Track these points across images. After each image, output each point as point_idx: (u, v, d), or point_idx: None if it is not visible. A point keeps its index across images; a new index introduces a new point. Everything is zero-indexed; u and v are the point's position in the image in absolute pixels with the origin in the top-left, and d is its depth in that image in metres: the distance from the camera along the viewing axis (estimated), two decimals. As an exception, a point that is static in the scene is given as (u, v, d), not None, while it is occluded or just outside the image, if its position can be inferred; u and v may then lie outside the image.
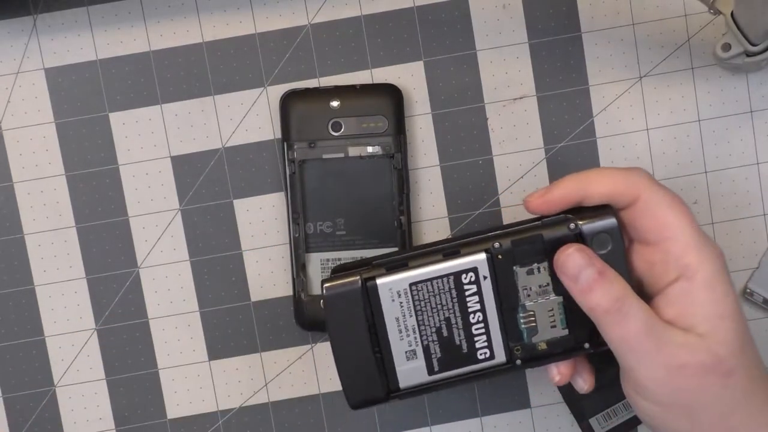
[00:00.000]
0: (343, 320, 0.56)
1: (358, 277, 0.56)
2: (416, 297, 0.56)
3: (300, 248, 0.67)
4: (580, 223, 0.56)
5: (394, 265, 0.56)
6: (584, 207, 0.57)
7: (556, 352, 0.57)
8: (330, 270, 0.68)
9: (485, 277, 0.56)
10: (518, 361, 0.57)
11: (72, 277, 0.68)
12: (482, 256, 0.56)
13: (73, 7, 0.68)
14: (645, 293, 0.57)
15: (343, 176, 0.67)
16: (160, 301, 0.69)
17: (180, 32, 0.68)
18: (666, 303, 0.56)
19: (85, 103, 0.68)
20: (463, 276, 0.56)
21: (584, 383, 0.59)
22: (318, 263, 0.68)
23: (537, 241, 0.56)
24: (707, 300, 0.55)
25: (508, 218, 0.69)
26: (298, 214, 0.67)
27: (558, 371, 0.58)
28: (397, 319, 0.56)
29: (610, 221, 0.56)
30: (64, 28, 0.68)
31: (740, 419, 0.55)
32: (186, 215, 0.69)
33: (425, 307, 0.56)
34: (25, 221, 0.68)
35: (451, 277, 0.56)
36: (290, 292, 0.68)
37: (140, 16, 0.68)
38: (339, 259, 0.68)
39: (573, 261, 0.55)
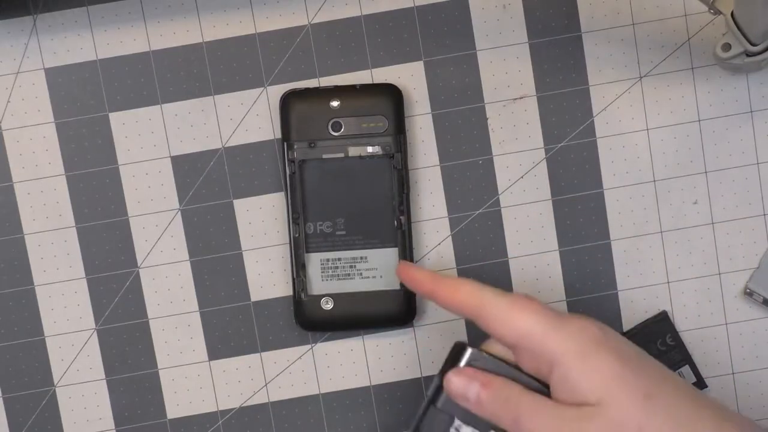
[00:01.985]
0: None
1: None
2: None
3: (300, 248, 0.67)
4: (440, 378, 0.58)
5: None
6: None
7: None
8: (329, 270, 0.68)
9: None
10: None
11: (72, 277, 0.68)
12: None
13: (73, 7, 0.68)
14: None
15: (343, 176, 0.67)
16: (160, 301, 0.69)
17: (180, 32, 0.68)
18: (554, 392, 0.56)
19: (85, 103, 0.68)
20: None
21: None
22: (318, 263, 0.68)
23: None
24: (582, 374, 0.55)
25: (508, 219, 0.69)
26: (298, 214, 0.67)
27: None
28: None
29: (466, 354, 0.58)
30: (64, 28, 0.68)
31: None
32: (186, 215, 0.68)
33: None
34: (25, 221, 0.68)
35: None
36: (290, 292, 0.68)
37: (140, 16, 0.68)
38: (339, 259, 0.67)
39: (454, 385, 0.58)
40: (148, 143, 0.68)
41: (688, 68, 0.68)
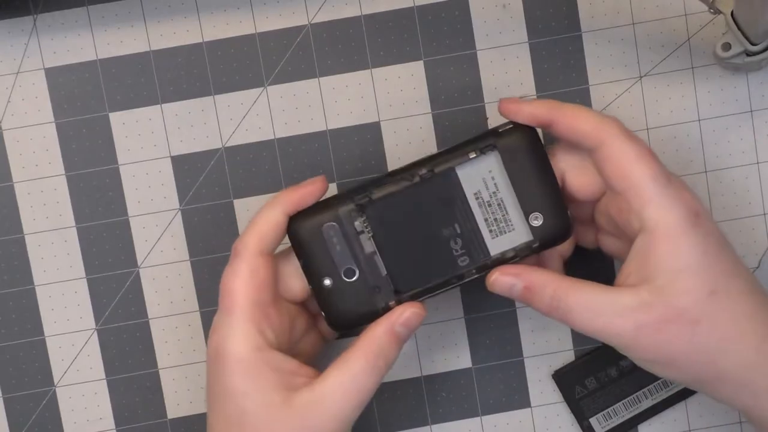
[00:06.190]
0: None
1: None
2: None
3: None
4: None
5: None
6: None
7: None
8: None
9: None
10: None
11: (72, 277, 0.68)
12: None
13: (73, 7, 0.68)
14: (625, 237, 0.58)
15: (343, 176, 0.67)
16: (160, 301, 0.69)
17: (180, 32, 0.68)
18: (630, 255, 0.56)
19: (85, 103, 0.68)
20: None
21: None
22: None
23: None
24: (666, 252, 0.55)
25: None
26: None
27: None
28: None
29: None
30: (64, 28, 0.68)
31: (726, 363, 0.55)
32: (186, 215, 0.69)
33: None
34: (25, 221, 0.68)
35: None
36: (290, 292, 0.68)
37: (140, 16, 0.68)
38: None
39: (500, 285, 0.58)
40: (148, 143, 0.68)
41: (688, 68, 0.68)
